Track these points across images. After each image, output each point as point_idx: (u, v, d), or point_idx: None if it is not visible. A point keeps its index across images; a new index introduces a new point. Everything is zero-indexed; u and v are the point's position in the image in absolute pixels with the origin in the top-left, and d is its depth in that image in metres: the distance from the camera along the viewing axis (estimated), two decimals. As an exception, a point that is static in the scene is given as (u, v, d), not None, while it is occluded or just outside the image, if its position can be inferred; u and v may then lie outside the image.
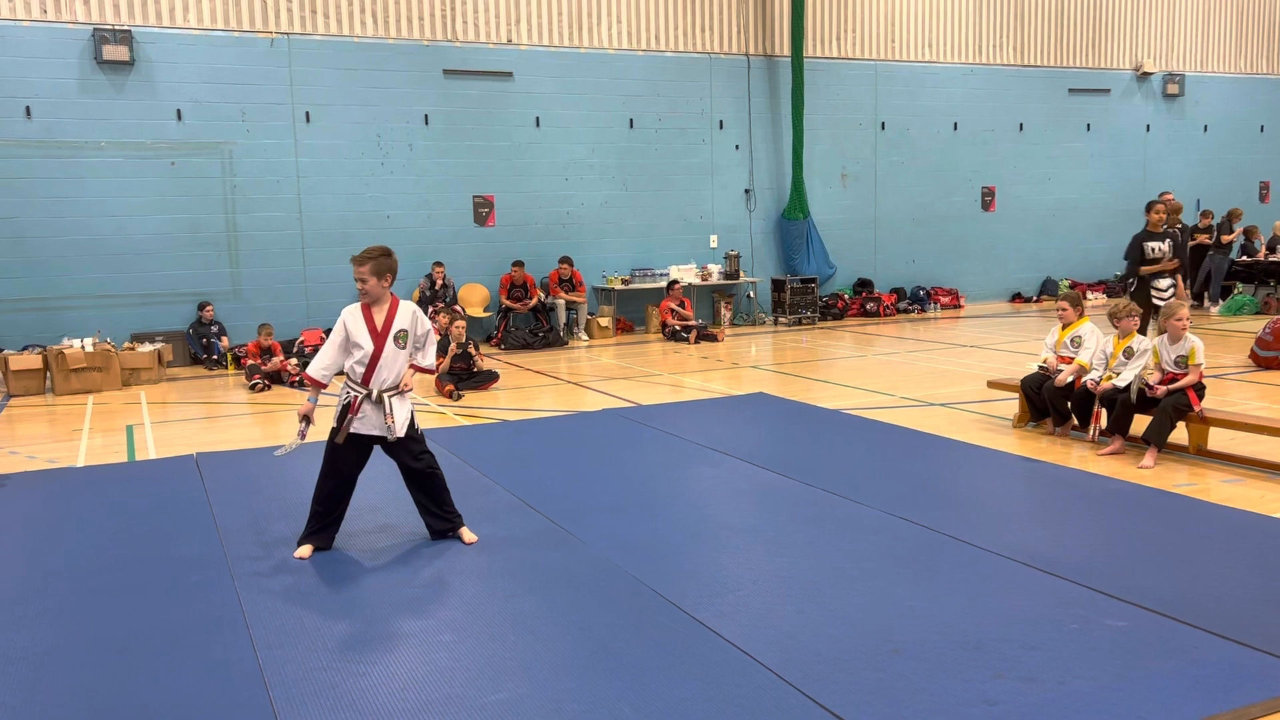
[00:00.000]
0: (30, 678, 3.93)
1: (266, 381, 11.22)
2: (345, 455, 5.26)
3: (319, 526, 5.36)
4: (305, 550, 5.30)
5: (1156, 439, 6.92)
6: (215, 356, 12.99)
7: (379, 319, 5.26)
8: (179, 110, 13.13)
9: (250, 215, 13.61)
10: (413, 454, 5.33)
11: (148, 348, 12.12)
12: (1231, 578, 4.65)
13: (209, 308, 13.19)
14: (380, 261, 5.21)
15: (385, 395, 5.22)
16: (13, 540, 5.81)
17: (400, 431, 5.23)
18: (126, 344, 12.38)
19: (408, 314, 5.33)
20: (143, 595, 4.80)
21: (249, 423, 9.65)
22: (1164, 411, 6.93)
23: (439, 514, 5.48)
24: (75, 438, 8.93)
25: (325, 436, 5.37)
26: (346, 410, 5.23)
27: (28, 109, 12.46)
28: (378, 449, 5.37)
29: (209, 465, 7.39)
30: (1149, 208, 9.76)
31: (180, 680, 3.87)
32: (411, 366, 5.39)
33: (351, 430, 5.21)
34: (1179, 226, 14.82)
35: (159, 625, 4.41)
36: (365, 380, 5.23)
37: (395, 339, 5.26)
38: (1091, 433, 7.48)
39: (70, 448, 8.50)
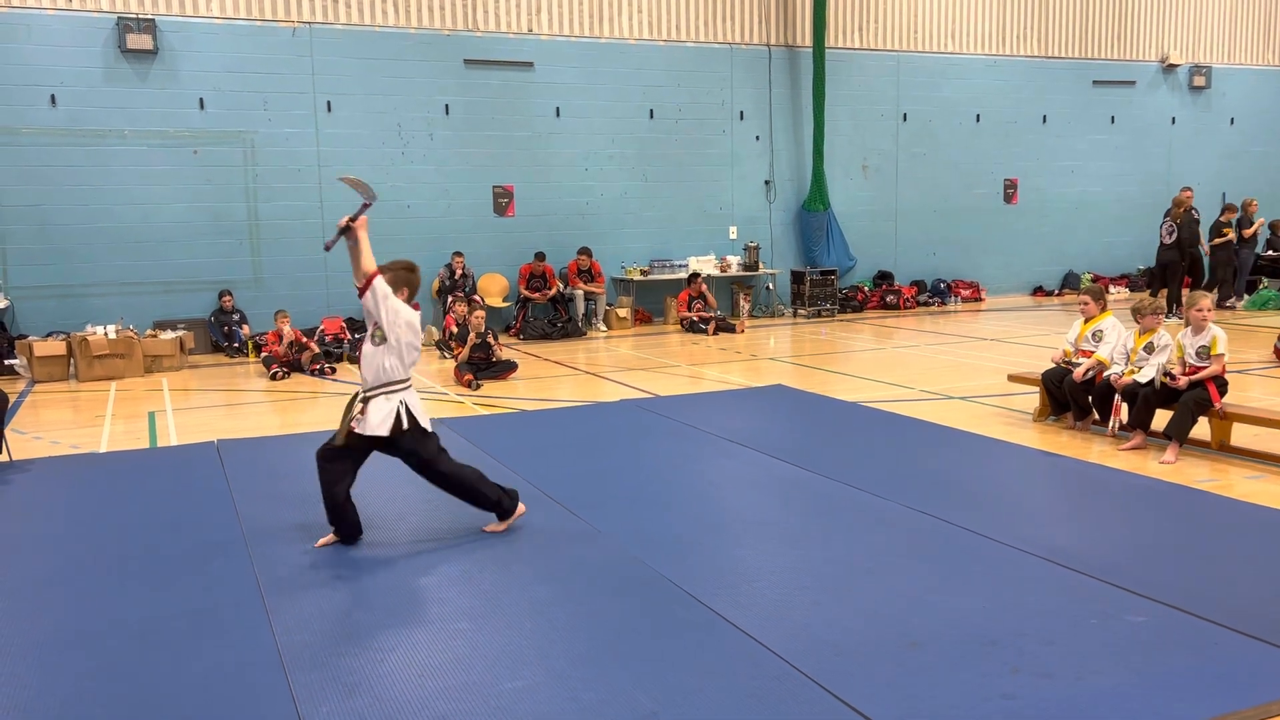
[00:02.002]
0: (53, 660, 3.98)
1: (286, 370, 11.28)
2: (349, 452, 5.14)
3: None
4: (328, 539, 5.33)
5: (1177, 434, 6.86)
6: (236, 344, 13.07)
7: None
8: (201, 99, 13.20)
9: (271, 204, 13.68)
10: (413, 464, 5.20)
11: (170, 335, 12.22)
12: (1253, 574, 4.61)
13: (229, 296, 13.28)
14: (399, 274, 5.15)
15: (364, 395, 5.06)
16: (36, 525, 5.88)
17: (370, 429, 4.99)
18: (149, 331, 12.49)
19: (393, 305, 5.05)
20: (163, 580, 4.85)
21: (269, 410, 9.72)
22: (1185, 406, 6.87)
23: (476, 505, 5.41)
24: (98, 424, 9.02)
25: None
26: (349, 408, 5.11)
27: (53, 97, 12.56)
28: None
29: (230, 452, 7.44)
30: None
31: (200, 664, 3.90)
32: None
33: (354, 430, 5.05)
34: (1193, 215, 14.74)
35: (179, 610, 4.45)
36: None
37: (372, 336, 5.07)
38: (1111, 426, 7.43)
39: (93, 434, 8.58)
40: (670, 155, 15.83)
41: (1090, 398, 7.68)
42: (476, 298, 13.80)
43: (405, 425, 5.05)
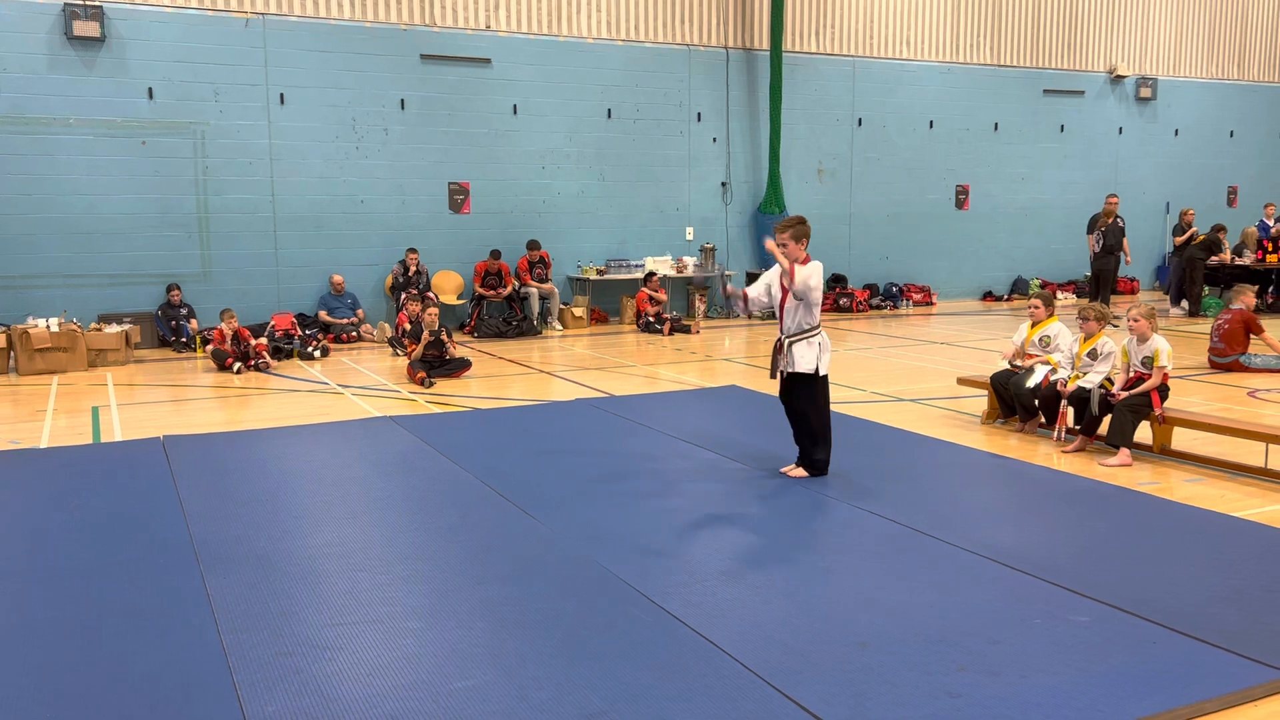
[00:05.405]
0: (-10, 659, 3.88)
1: (241, 365, 11.12)
2: (783, 389, 6.47)
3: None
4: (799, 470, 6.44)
5: (1120, 440, 6.99)
6: (184, 339, 12.85)
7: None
8: (150, 89, 12.96)
9: (222, 197, 13.47)
10: (796, 394, 6.35)
11: (115, 329, 11.97)
12: (1192, 575, 4.72)
13: (177, 290, 13.05)
14: (798, 229, 6.16)
15: (787, 340, 6.24)
16: (-26, 521, 5.73)
17: (796, 368, 6.24)
18: (93, 325, 12.23)
19: (806, 270, 6.11)
20: (106, 577, 4.75)
21: (217, 406, 9.57)
22: (1121, 411, 7.01)
23: (801, 448, 6.47)
24: (39, 418, 8.82)
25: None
26: (776, 351, 6.31)
27: (-5, 84, 12.26)
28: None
29: (176, 448, 7.32)
30: None
31: (143, 663, 3.83)
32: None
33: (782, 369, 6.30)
34: (1118, 223, 15.07)
35: (123, 608, 4.37)
36: (780, 326, 6.35)
37: (794, 295, 6.11)
38: (1057, 432, 7.56)
39: (34, 428, 8.39)
40: (627, 155, 15.84)
41: (1037, 401, 7.82)
42: (430, 295, 13.70)
43: (819, 370, 6.27)
